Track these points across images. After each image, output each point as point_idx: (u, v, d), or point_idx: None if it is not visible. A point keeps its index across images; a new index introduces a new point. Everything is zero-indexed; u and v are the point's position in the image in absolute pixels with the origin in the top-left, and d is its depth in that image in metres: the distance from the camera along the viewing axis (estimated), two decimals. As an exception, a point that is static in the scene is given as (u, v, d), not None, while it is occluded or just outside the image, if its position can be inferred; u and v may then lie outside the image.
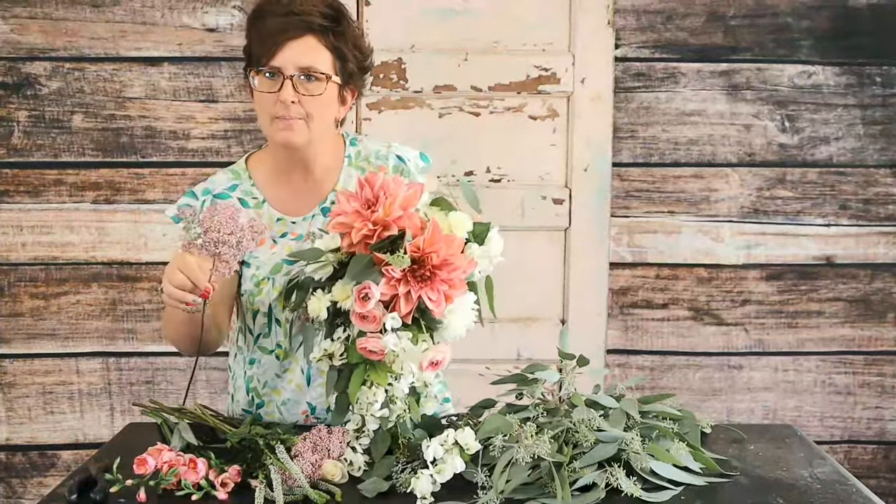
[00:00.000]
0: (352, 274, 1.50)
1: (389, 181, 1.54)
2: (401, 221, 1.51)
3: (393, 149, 1.89)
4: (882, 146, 2.84)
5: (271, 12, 1.69)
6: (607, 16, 2.75)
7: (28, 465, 2.86)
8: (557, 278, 2.85)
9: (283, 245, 1.79)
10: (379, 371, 1.50)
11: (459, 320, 1.55)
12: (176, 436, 1.59)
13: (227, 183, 1.83)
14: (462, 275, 1.53)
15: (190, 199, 1.82)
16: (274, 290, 1.76)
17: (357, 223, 1.51)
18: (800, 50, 2.80)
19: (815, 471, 1.58)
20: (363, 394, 1.51)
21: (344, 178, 1.84)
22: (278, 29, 1.67)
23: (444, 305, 1.51)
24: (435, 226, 1.51)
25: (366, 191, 1.54)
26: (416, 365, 1.51)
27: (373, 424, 1.55)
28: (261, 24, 1.70)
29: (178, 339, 1.76)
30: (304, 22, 1.68)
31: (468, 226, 1.58)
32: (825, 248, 2.87)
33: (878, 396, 2.93)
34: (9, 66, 2.73)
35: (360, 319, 1.50)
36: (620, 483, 1.43)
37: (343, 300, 1.52)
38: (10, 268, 2.79)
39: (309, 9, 1.69)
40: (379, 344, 1.49)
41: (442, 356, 1.53)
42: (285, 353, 1.81)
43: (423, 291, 1.49)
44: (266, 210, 1.81)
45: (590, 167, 2.79)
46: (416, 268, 1.49)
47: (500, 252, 1.60)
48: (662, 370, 2.90)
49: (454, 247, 1.52)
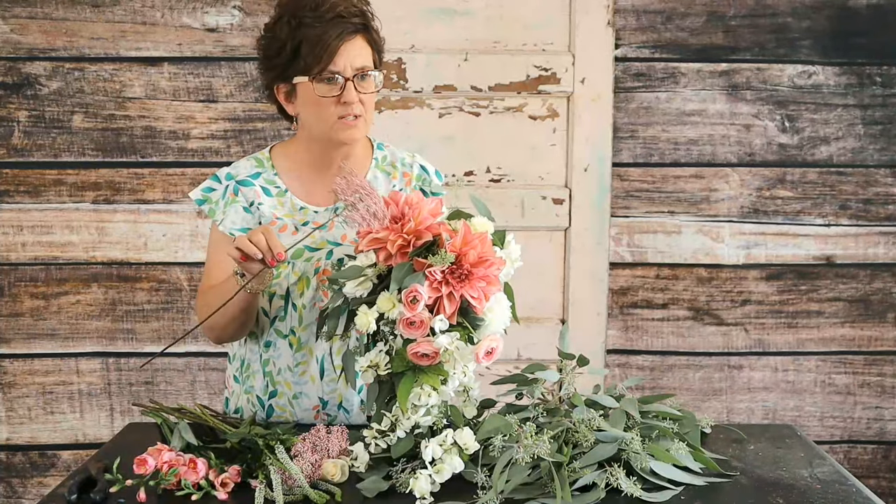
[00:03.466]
0: (396, 280, 1.54)
1: (412, 197, 1.61)
2: (433, 228, 1.57)
3: (417, 158, 1.97)
4: (882, 146, 2.84)
5: (317, 18, 1.72)
6: (607, 16, 2.76)
7: (28, 465, 2.86)
8: (557, 278, 2.85)
9: (305, 233, 1.83)
10: (429, 374, 1.53)
11: (498, 317, 1.59)
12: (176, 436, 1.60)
13: (250, 170, 1.88)
14: (496, 271, 1.57)
15: (213, 183, 1.87)
16: (293, 274, 1.81)
17: (391, 236, 1.57)
18: (800, 50, 2.80)
19: (815, 471, 1.58)
20: (415, 395, 1.53)
21: (371, 177, 1.90)
22: (332, 35, 1.71)
23: (484, 302, 1.55)
24: (466, 226, 1.58)
25: (391, 208, 1.60)
26: (472, 360, 1.54)
27: (402, 432, 1.55)
28: (307, 32, 1.72)
29: (217, 322, 1.77)
30: (352, 24, 1.73)
31: (490, 228, 1.63)
32: (825, 248, 2.87)
33: (878, 396, 2.93)
34: (9, 66, 2.73)
35: (407, 326, 1.53)
36: (620, 483, 1.43)
37: (389, 310, 1.55)
38: (10, 268, 2.79)
39: (350, 9, 1.74)
40: (432, 346, 1.51)
41: (496, 344, 1.55)
42: (299, 343, 1.84)
43: (464, 290, 1.53)
44: (288, 198, 1.86)
45: (590, 167, 2.80)
46: (455, 268, 1.54)
47: (518, 256, 1.66)
48: (662, 370, 2.90)
49: (487, 245, 1.57)
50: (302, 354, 1.85)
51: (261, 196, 1.85)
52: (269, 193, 1.85)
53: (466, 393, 1.61)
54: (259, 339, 1.88)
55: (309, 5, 1.73)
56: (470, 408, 1.62)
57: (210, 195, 1.86)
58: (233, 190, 1.85)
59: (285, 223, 1.83)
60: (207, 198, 1.86)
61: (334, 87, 1.74)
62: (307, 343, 1.84)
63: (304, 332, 1.84)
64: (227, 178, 1.87)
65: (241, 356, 1.92)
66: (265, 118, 2.76)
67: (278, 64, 1.77)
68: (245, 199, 1.84)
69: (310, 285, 1.82)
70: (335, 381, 1.84)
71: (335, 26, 1.72)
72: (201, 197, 1.86)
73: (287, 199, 1.86)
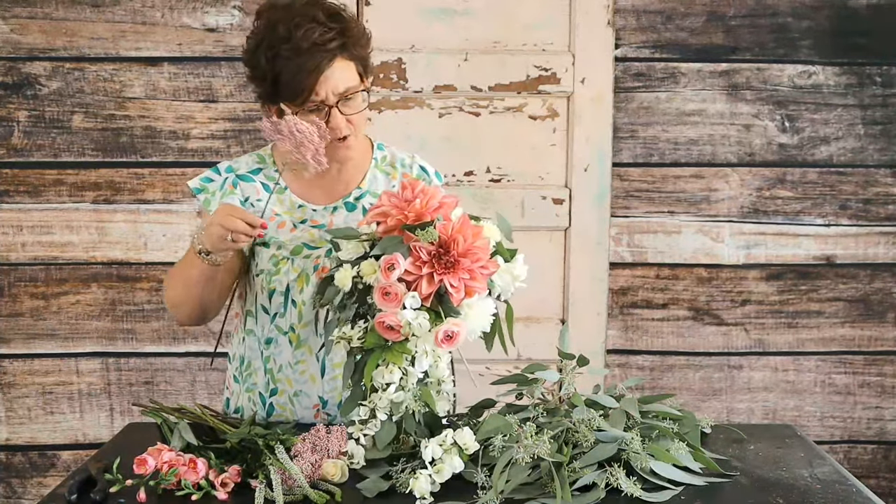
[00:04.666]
0: (381, 248, 1.57)
1: (429, 188, 1.64)
2: (435, 213, 1.59)
3: (416, 159, 1.97)
4: (882, 146, 2.84)
5: (293, 50, 1.68)
6: (607, 16, 2.76)
7: (28, 465, 2.86)
8: (557, 278, 2.85)
9: (304, 230, 1.85)
10: (395, 352, 1.54)
11: (476, 318, 1.59)
12: (176, 436, 1.60)
13: (252, 165, 1.89)
14: (483, 270, 1.57)
15: (213, 174, 1.88)
16: (293, 271, 1.82)
17: (394, 211, 1.60)
18: (800, 50, 2.80)
19: (815, 471, 1.58)
20: (378, 373, 1.53)
21: (370, 178, 1.90)
22: (310, 67, 1.68)
23: (462, 294, 1.56)
24: (465, 217, 1.60)
25: (406, 192, 1.63)
26: (431, 340, 1.54)
27: (382, 415, 1.56)
28: (284, 65, 1.69)
29: (184, 301, 1.82)
30: (329, 52, 1.70)
31: (497, 236, 1.64)
32: (825, 248, 2.87)
33: (878, 396, 2.93)
34: (9, 66, 2.73)
35: (382, 296, 1.55)
36: (620, 483, 1.43)
37: (369, 274, 1.57)
38: (10, 268, 2.79)
39: (325, 35, 1.70)
40: (396, 318, 1.52)
41: (457, 329, 1.55)
42: (298, 340, 1.84)
43: (445, 276, 1.54)
44: (287, 196, 1.86)
45: (590, 167, 2.80)
46: (442, 252, 1.55)
47: (523, 276, 1.66)
48: (662, 370, 2.90)
49: (480, 239, 1.58)
50: (301, 352, 1.85)
51: (260, 192, 1.85)
52: (268, 190, 1.86)
53: (439, 385, 1.60)
54: (260, 337, 1.88)
55: (283, 36, 1.69)
56: (443, 402, 1.62)
57: (208, 185, 1.86)
58: (231, 182, 1.86)
59: (283, 220, 1.84)
60: (205, 188, 1.86)
61: (320, 114, 1.72)
62: (306, 341, 1.84)
63: (304, 329, 1.84)
64: (227, 171, 1.88)
65: (242, 355, 1.92)
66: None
67: (263, 88, 1.76)
68: (242, 193, 1.85)
69: (309, 282, 1.82)
70: (335, 378, 1.84)
71: (311, 57, 1.68)
72: (199, 186, 1.86)
73: (286, 197, 1.87)
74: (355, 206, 1.87)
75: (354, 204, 1.87)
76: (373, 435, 1.57)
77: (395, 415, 1.56)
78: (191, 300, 1.81)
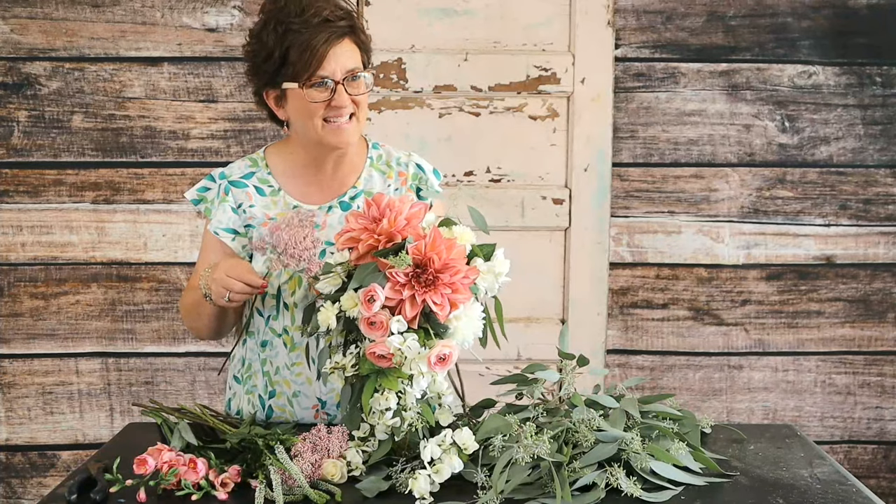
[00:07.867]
0: (357, 279, 1.55)
1: (394, 200, 1.61)
2: (405, 231, 1.57)
3: (413, 157, 1.96)
4: (882, 146, 2.84)
5: (304, 23, 1.72)
6: (607, 16, 2.76)
7: (28, 465, 2.86)
8: (557, 278, 2.85)
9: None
10: (390, 377, 1.52)
11: (466, 327, 1.58)
12: (176, 436, 1.60)
13: (244, 170, 1.89)
14: (464, 280, 1.55)
15: (209, 183, 1.89)
16: (285, 274, 1.82)
17: (363, 236, 1.58)
18: (800, 50, 2.80)
19: (815, 471, 1.58)
20: (375, 401, 1.52)
21: (366, 177, 1.90)
22: (320, 40, 1.72)
23: (448, 310, 1.54)
24: (436, 231, 1.56)
25: (372, 209, 1.61)
26: (424, 363, 1.52)
27: (382, 435, 1.55)
28: (294, 38, 1.72)
29: (202, 329, 1.90)
30: (339, 28, 1.74)
31: (471, 238, 1.62)
32: (825, 248, 2.87)
33: (878, 396, 2.93)
34: (9, 66, 2.73)
35: (368, 326, 1.53)
36: (620, 483, 1.43)
37: (351, 308, 1.55)
38: (9, 268, 2.79)
39: (336, 12, 1.75)
40: (385, 347, 1.50)
41: (449, 351, 1.54)
42: (293, 342, 1.85)
43: (427, 295, 1.52)
44: (282, 197, 1.87)
45: (590, 167, 2.80)
46: (420, 272, 1.53)
47: (506, 271, 1.64)
48: (662, 370, 2.90)
49: (455, 251, 1.55)
50: (297, 354, 1.85)
51: (253, 198, 1.85)
52: (262, 193, 1.86)
53: (440, 398, 1.58)
54: (257, 339, 1.89)
55: (294, 11, 1.73)
56: (445, 415, 1.60)
57: (205, 195, 1.88)
58: (224, 189, 1.87)
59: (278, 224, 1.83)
60: (203, 197, 1.88)
61: (325, 91, 1.74)
62: (300, 343, 1.84)
63: (297, 332, 1.84)
64: (220, 178, 1.89)
65: (242, 356, 1.92)
66: (265, 118, 2.70)
67: (267, 70, 1.77)
68: (234, 200, 1.85)
69: (301, 285, 1.82)
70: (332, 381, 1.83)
71: (322, 31, 1.72)
72: (197, 197, 1.89)
73: (280, 198, 1.87)
74: (350, 205, 1.87)
75: (350, 203, 1.87)
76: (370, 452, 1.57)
77: (396, 435, 1.55)
78: (203, 328, 1.89)
